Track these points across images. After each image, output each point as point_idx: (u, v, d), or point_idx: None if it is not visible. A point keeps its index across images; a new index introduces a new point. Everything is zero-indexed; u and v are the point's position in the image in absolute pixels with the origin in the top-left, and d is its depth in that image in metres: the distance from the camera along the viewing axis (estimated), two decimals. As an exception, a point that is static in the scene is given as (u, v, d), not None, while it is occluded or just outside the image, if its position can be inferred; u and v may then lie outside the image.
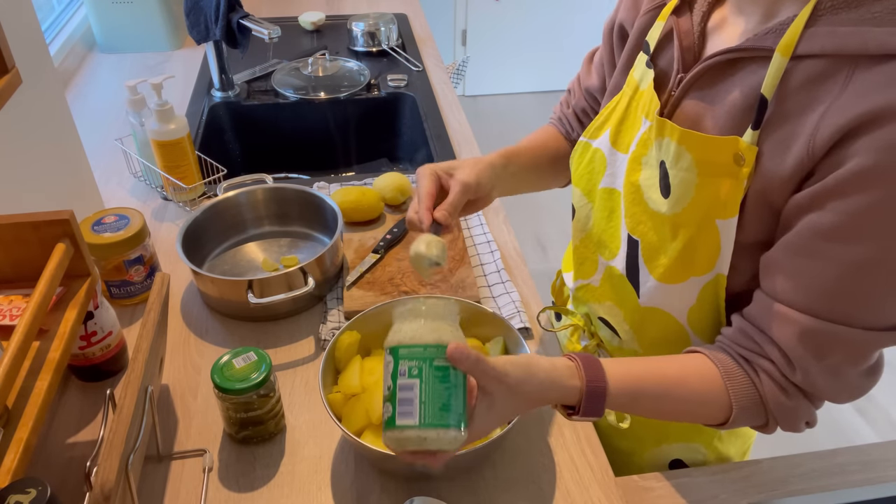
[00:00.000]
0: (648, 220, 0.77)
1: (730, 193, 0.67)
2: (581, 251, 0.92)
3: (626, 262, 0.82)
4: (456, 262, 1.07)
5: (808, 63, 0.61)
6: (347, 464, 0.81)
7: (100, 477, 0.57)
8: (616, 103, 0.83)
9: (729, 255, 0.70)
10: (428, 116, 1.53)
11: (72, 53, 1.71)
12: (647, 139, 0.75)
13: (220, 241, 1.12)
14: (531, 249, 2.83)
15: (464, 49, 3.80)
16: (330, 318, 0.99)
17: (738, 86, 0.67)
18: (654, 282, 0.77)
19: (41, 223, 0.70)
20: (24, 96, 0.88)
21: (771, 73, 0.62)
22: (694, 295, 0.75)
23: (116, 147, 1.31)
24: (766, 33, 0.64)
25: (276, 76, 1.66)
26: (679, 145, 0.70)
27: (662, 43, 0.76)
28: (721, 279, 0.72)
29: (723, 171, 0.67)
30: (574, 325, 0.99)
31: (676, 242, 0.73)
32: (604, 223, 0.85)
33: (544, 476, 0.80)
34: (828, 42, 0.59)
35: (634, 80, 0.79)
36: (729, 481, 0.81)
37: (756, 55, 0.65)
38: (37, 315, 0.63)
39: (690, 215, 0.71)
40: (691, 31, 0.73)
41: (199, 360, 0.94)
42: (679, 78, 0.73)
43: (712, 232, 0.70)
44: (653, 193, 0.75)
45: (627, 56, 0.83)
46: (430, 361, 0.60)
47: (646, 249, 0.78)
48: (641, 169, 0.77)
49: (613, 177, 0.83)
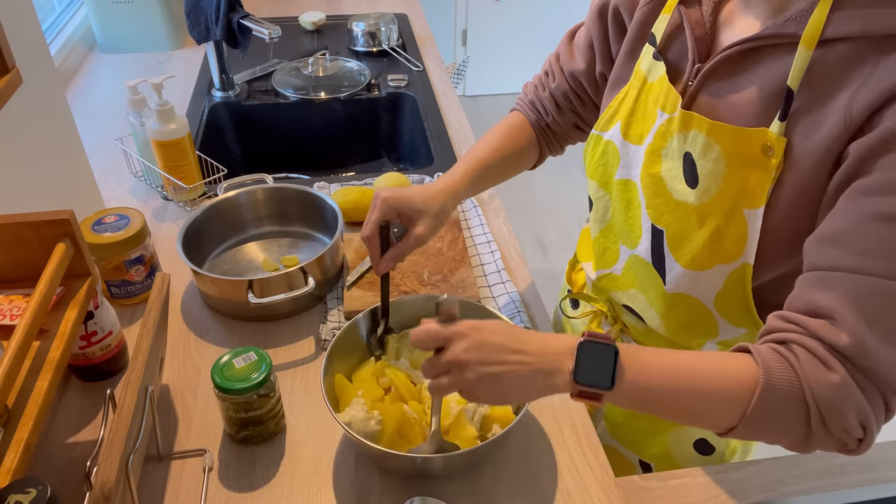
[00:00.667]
0: (673, 210, 0.77)
1: (758, 184, 0.68)
2: (601, 241, 0.93)
3: (651, 251, 0.82)
4: (456, 262, 1.07)
5: (836, 47, 0.62)
6: (347, 464, 0.81)
7: (100, 477, 0.57)
8: (624, 95, 0.83)
9: (755, 245, 0.70)
10: (428, 116, 1.53)
11: (72, 53, 1.71)
12: (667, 131, 0.76)
13: (221, 241, 1.12)
14: (531, 249, 2.83)
15: (464, 49, 3.80)
16: (330, 318, 0.99)
17: (759, 76, 0.68)
18: (680, 269, 0.78)
19: (41, 223, 0.70)
20: (25, 96, 0.88)
21: (797, 65, 0.63)
22: (721, 281, 0.75)
23: (116, 147, 1.31)
24: (785, 21, 0.65)
25: (277, 76, 1.66)
26: (708, 137, 0.70)
27: (671, 35, 0.76)
28: (747, 268, 0.72)
29: (751, 162, 0.68)
30: (595, 311, 0.99)
31: (703, 231, 0.74)
32: (623, 214, 0.86)
33: (544, 476, 0.80)
34: (855, 25, 0.60)
35: (642, 73, 0.79)
36: (729, 481, 0.81)
37: (778, 42, 0.66)
38: (37, 315, 0.63)
39: (718, 205, 0.72)
40: (703, 22, 0.73)
41: (199, 360, 0.94)
42: (697, 68, 0.73)
43: (740, 221, 0.70)
44: (677, 184, 0.76)
45: (630, 48, 0.83)
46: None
47: (671, 238, 0.78)
48: (661, 161, 0.78)
49: (628, 168, 0.83)
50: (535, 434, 0.85)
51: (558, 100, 0.97)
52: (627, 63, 0.83)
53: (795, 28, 0.64)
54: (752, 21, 0.70)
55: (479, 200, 1.25)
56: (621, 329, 0.96)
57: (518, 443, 0.83)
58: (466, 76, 3.82)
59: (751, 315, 0.77)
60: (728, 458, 0.95)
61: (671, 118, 0.75)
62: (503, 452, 0.82)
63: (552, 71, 0.98)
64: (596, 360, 0.61)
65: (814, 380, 0.58)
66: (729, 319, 0.79)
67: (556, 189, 3.14)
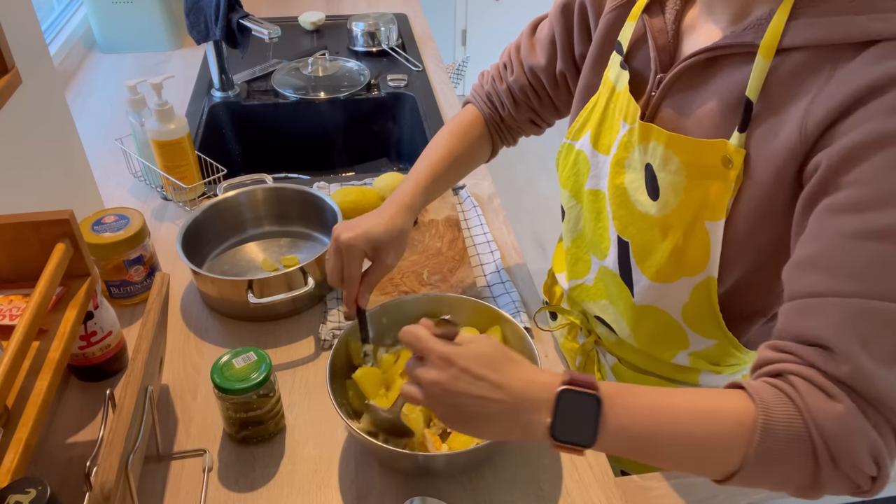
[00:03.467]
0: (637, 221, 0.77)
1: (718, 195, 0.67)
2: (573, 252, 0.92)
3: (618, 263, 0.82)
4: (455, 262, 1.07)
5: (793, 56, 0.61)
6: (347, 463, 0.81)
7: (100, 477, 0.57)
8: (594, 104, 0.82)
9: (718, 258, 0.70)
10: (428, 116, 1.53)
11: (72, 53, 1.71)
12: (629, 142, 0.75)
13: (220, 241, 1.12)
14: (531, 249, 2.83)
15: (464, 49, 3.80)
16: (330, 318, 0.99)
17: (719, 86, 0.67)
18: (647, 281, 0.78)
19: (41, 223, 0.70)
20: (24, 96, 0.88)
21: (755, 75, 0.62)
22: (686, 294, 0.75)
23: (116, 147, 1.31)
24: (744, 30, 0.64)
25: (276, 76, 1.66)
26: (666, 149, 0.70)
27: (636, 44, 0.76)
28: (712, 281, 0.72)
29: (711, 174, 0.67)
30: (570, 322, 0.99)
31: (666, 243, 0.73)
32: (593, 224, 0.85)
33: (544, 476, 0.80)
34: (811, 33, 0.60)
35: (610, 81, 0.79)
36: (729, 481, 0.81)
37: (736, 51, 0.65)
38: (37, 315, 0.63)
39: (679, 217, 0.71)
40: (665, 30, 0.73)
41: (199, 360, 0.94)
42: (658, 78, 0.72)
43: (702, 234, 0.70)
44: (640, 196, 0.75)
45: (596, 55, 0.82)
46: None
47: (636, 250, 0.78)
48: (625, 172, 0.77)
49: (597, 178, 0.83)
50: (534, 434, 0.85)
51: (515, 94, 0.95)
52: (596, 71, 0.82)
53: (753, 37, 0.63)
54: (713, 29, 0.69)
55: (479, 200, 1.25)
56: (595, 341, 0.96)
57: (518, 443, 0.83)
58: (466, 76, 3.82)
59: (719, 326, 0.76)
60: None
61: (632, 129, 0.74)
62: (503, 452, 0.82)
63: (511, 63, 0.95)
64: (577, 412, 0.56)
65: (817, 412, 0.53)
66: (698, 331, 0.78)
67: (556, 189, 3.14)
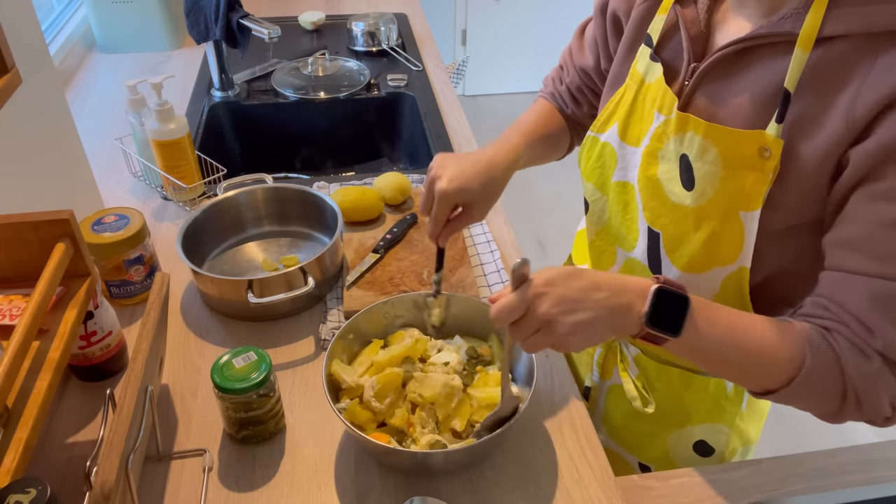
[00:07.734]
0: (669, 212, 0.77)
1: (754, 186, 0.68)
2: (598, 244, 0.93)
3: (647, 254, 0.82)
4: (456, 262, 1.07)
5: (833, 45, 0.62)
6: (347, 463, 0.81)
7: (100, 477, 0.57)
8: (621, 96, 0.83)
9: (751, 248, 0.70)
10: (428, 116, 1.53)
11: (72, 53, 1.71)
12: (663, 133, 0.76)
13: (220, 241, 1.12)
14: (531, 249, 2.83)
15: (464, 49, 3.80)
16: (330, 317, 0.99)
17: (755, 76, 0.67)
18: (677, 272, 0.78)
19: (41, 223, 0.70)
20: (24, 96, 0.88)
21: (794, 66, 0.63)
22: (717, 284, 0.75)
23: (116, 147, 1.31)
24: (780, 19, 0.64)
25: (276, 76, 1.66)
26: (704, 139, 0.70)
27: (666, 35, 0.76)
28: (744, 272, 0.72)
29: (748, 164, 0.68)
30: None
31: (700, 234, 0.74)
32: (620, 216, 0.86)
33: (544, 476, 0.80)
34: (853, 22, 0.60)
35: (639, 74, 0.79)
36: (728, 481, 0.81)
37: (773, 41, 0.65)
38: (37, 315, 0.63)
39: (715, 207, 0.72)
40: (697, 21, 0.73)
41: (199, 360, 0.94)
42: (692, 68, 0.73)
43: (736, 224, 0.70)
44: (674, 187, 0.76)
45: (626, 48, 0.83)
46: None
47: (667, 241, 0.78)
48: (658, 163, 0.77)
49: (625, 170, 0.83)
50: (534, 434, 0.85)
51: (574, 93, 0.98)
52: (625, 63, 0.83)
53: (791, 26, 0.63)
54: (747, 20, 0.69)
55: (479, 200, 1.24)
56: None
57: (518, 442, 0.83)
58: (466, 76, 3.82)
59: None
60: (727, 460, 0.95)
61: (668, 120, 0.74)
62: (503, 452, 0.82)
63: (566, 65, 0.99)
64: (669, 307, 0.64)
65: (853, 366, 0.63)
66: None
67: (556, 189, 3.14)
